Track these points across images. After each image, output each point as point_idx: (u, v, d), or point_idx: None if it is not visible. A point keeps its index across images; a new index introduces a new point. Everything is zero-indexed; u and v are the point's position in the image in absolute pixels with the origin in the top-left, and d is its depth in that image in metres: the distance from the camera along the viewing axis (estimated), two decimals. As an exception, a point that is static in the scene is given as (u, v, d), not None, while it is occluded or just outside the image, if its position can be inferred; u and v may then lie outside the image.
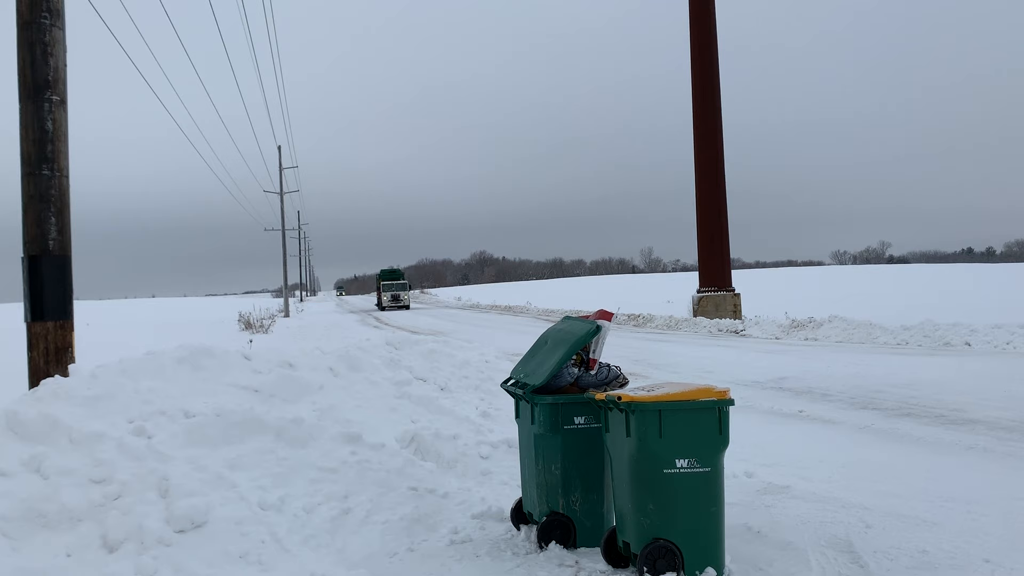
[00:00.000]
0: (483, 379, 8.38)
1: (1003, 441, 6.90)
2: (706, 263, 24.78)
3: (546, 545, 4.52)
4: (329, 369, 7.19)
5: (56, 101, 7.37)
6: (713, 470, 3.98)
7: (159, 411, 5.45)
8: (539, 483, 4.60)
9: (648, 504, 3.96)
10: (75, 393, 5.42)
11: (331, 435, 5.65)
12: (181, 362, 6.31)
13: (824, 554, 4.35)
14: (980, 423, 7.68)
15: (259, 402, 6.08)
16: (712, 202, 24.39)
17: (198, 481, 4.73)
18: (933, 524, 4.76)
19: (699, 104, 24.57)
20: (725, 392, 4.03)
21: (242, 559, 4.26)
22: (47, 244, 7.31)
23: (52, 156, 7.32)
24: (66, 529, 4.35)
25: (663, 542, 3.92)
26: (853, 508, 5.12)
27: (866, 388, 10.17)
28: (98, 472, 4.65)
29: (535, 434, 4.59)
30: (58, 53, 7.43)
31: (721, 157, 24.50)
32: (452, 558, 4.52)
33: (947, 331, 16.03)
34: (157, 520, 4.36)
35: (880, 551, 4.34)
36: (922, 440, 7.12)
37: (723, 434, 3.99)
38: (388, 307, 54.94)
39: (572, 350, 4.55)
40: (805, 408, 9.02)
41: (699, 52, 24.61)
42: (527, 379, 4.69)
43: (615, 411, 4.15)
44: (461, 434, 6.36)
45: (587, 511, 4.57)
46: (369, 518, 4.96)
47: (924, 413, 8.34)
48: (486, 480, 5.82)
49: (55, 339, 7.34)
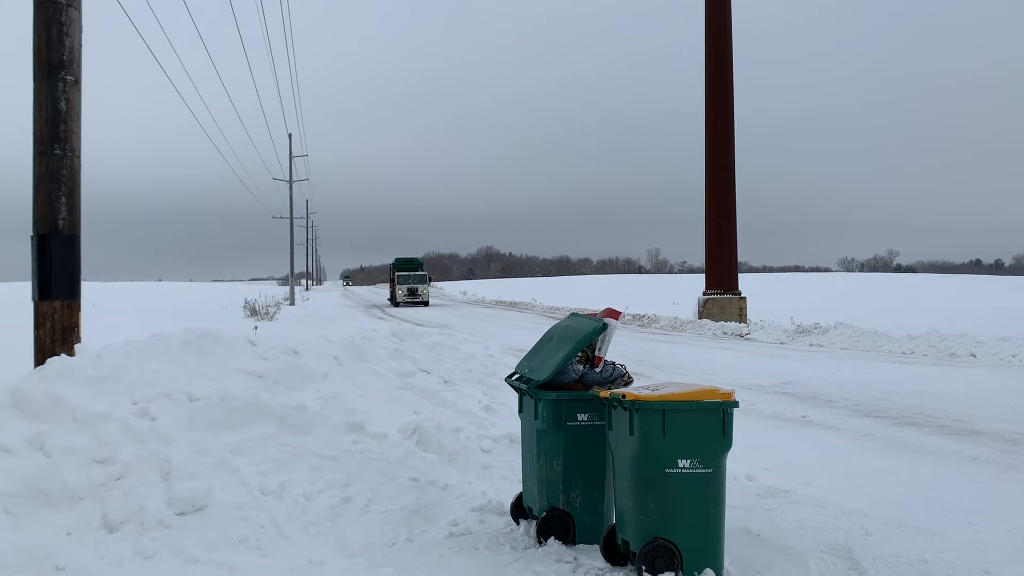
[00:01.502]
0: (487, 373, 8.38)
1: (1006, 453, 6.87)
2: (713, 266, 24.72)
3: (545, 540, 4.52)
4: (334, 358, 7.19)
5: (70, 81, 7.38)
6: (715, 471, 3.98)
7: (163, 393, 5.46)
8: (540, 478, 4.60)
9: (649, 503, 3.96)
10: (80, 373, 5.44)
11: (334, 423, 5.65)
12: (187, 345, 6.32)
13: (823, 559, 4.34)
14: (984, 435, 7.65)
15: (263, 388, 6.09)
16: (721, 204, 24.32)
17: (200, 465, 4.74)
18: (934, 534, 4.74)
19: (712, 106, 24.49)
20: (730, 394, 4.02)
21: (241, 543, 4.27)
22: (57, 223, 7.33)
23: (64, 136, 7.33)
24: (67, 508, 4.36)
25: (662, 541, 3.91)
26: (853, 515, 5.10)
27: (870, 396, 10.14)
28: (101, 452, 4.66)
29: (538, 429, 4.59)
30: (74, 33, 7.44)
31: (732, 160, 24.42)
32: (451, 550, 4.53)
33: (953, 342, 15.96)
34: (158, 502, 4.38)
35: (880, 558, 4.33)
36: (924, 449, 7.10)
37: (727, 436, 3.98)
38: (404, 302, 46.22)
39: (578, 347, 4.55)
40: (808, 413, 9.00)
41: (713, 55, 24.52)
42: (532, 374, 4.68)
43: (619, 409, 4.14)
44: (463, 427, 6.36)
45: (587, 508, 4.56)
46: (369, 507, 4.96)
47: (927, 423, 8.31)
48: (487, 474, 5.82)
49: (62, 318, 7.36)
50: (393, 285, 48.15)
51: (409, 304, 46.02)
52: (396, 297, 46.68)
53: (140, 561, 4.04)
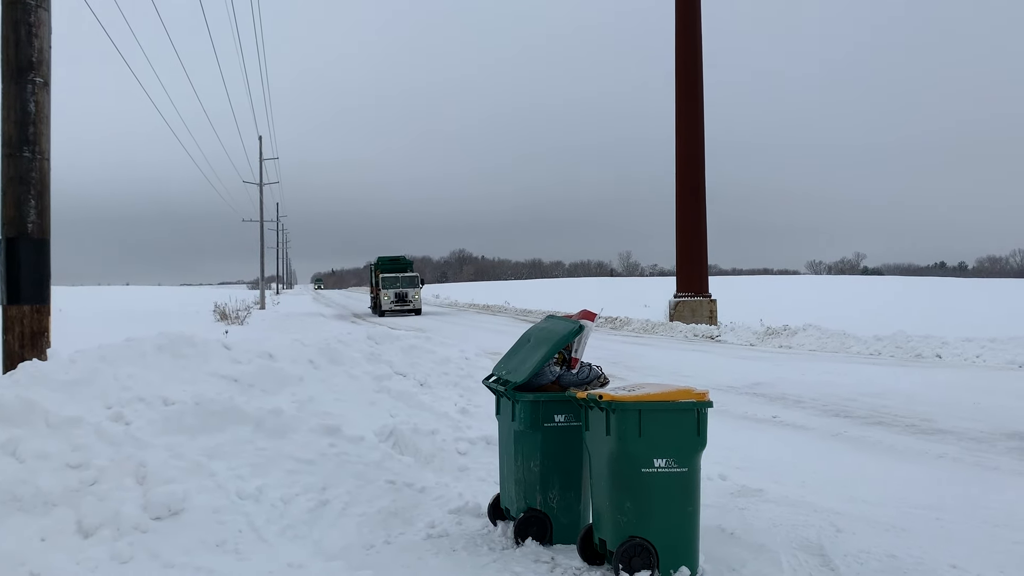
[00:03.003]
0: (463, 376, 8.41)
1: (971, 452, 7.04)
2: (683, 268, 24.96)
3: (522, 541, 4.56)
4: (309, 361, 7.18)
5: (39, 83, 7.30)
6: (690, 470, 4.04)
7: (138, 398, 5.43)
8: (517, 479, 4.64)
9: (625, 502, 4.01)
10: (53, 377, 5.38)
11: (310, 427, 5.65)
12: (161, 350, 6.28)
13: (796, 556, 4.42)
14: (950, 433, 7.82)
15: (238, 392, 6.07)
16: (691, 208, 24.56)
17: (176, 469, 4.72)
18: (902, 530, 4.85)
19: (682, 111, 24.72)
20: (704, 394, 4.09)
21: (219, 547, 4.26)
22: (26, 227, 7.24)
23: (34, 138, 7.26)
24: (41, 513, 4.32)
25: (639, 540, 3.97)
26: (824, 512, 5.20)
27: (839, 396, 10.31)
28: (75, 457, 4.62)
29: (515, 431, 4.62)
30: (43, 35, 7.36)
31: (702, 165, 24.67)
32: (429, 552, 4.55)
33: (919, 343, 16.26)
34: (134, 506, 4.35)
35: (850, 555, 4.42)
36: (893, 448, 7.25)
37: (701, 435, 4.05)
38: (391, 311, 37.75)
39: (555, 349, 4.59)
40: (779, 414, 9.14)
41: (683, 60, 24.75)
42: (509, 376, 4.72)
43: (595, 410, 4.19)
44: (440, 430, 6.39)
45: (564, 508, 4.61)
46: (347, 510, 4.97)
47: (895, 422, 8.48)
48: (464, 476, 5.84)
49: (31, 323, 7.28)
50: (376, 290, 39.88)
51: (397, 313, 37.82)
52: (381, 305, 38.23)
53: (116, 566, 4.02)
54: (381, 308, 38.01)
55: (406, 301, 38.11)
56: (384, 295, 38.11)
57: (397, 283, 38.56)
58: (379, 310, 38.34)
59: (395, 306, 37.95)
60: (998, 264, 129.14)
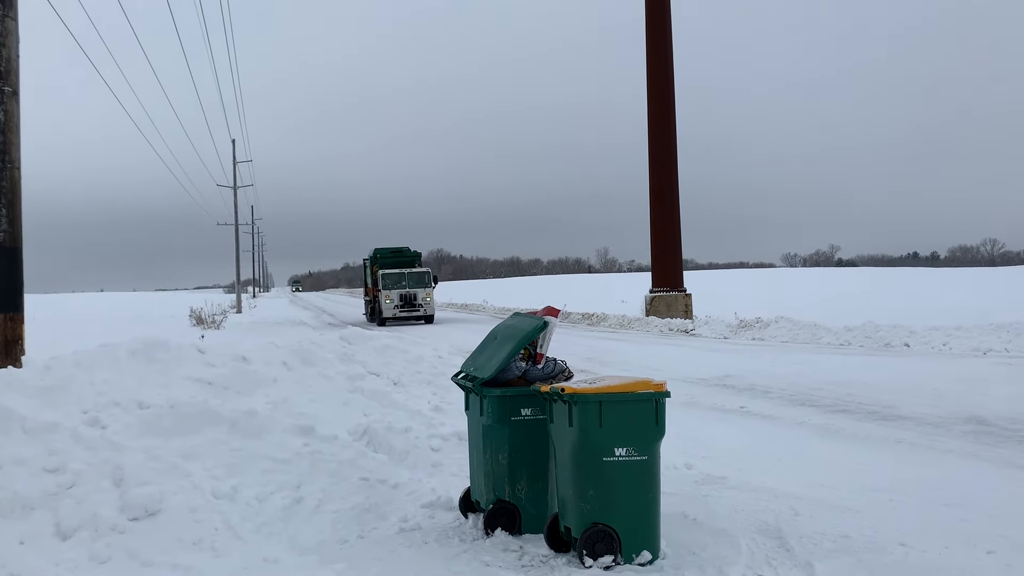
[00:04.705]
0: (436, 374, 8.53)
1: (927, 436, 7.29)
2: (659, 264, 25.23)
3: (492, 532, 4.71)
4: (283, 363, 7.28)
5: (8, 92, 7.35)
6: (650, 458, 4.21)
7: (113, 402, 5.52)
8: (487, 472, 4.79)
9: (588, 491, 4.18)
10: (29, 384, 5.46)
11: (284, 427, 5.77)
12: (135, 355, 6.36)
13: (754, 539, 4.61)
14: (909, 419, 8.07)
15: (213, 394, 6.16)
16: (665, 205, 24.83)
17: (152, 471, 4.82)
18: (856, 512, 5.05)
19: (654, 107, 24.98)
20: (662, 385, 4.26)
21: (196, 545, 4.38)
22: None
23: (3, 148, 7.30)
24: (19, 517, 4.42)
25: (602, 527, 4.13)
26: (784, 497, 5.40)
27: (806, 386, 10.56)
28: (52, 461, 4.72)
29: (484, 425, 4.78)
30: (11, 44, 7.41)
31: (675, 162, 24.93)
32: (401, 544, 4.69)
33: (888, 332, 16.60)
34: (111, 508, 4.46)
35: (806, 536, 4.61)
36: (854, 435, 7.48)
37: (659, 424, 4.22)
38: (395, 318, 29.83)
39: (520, 345, 4.75)
40: (746, 404, 9.36)
41: (654, 50, 25.00)
42: (477, 372, 4.87)
43: (559, 402, 4.35)
44: (413, 427, 6.52)
45: (532, 499, 4.77)
46: (321, 507, 5.09)
47: (859, 410, 8.73)
48: (436, 471, 5.98)
49: (5, 331, 7.33)
50: (374, 291, 31.55)
51: (404, 320, 29.84)
52: (382, 310, 29.99)
53: (95, 566, 4.13)
54: (382, 314, 29.98)
55: (414, 305, 29.92)
56: (385, 298, 29.86)
57: (402, 282, 30.22)
58: (379, 317, 30.22)
59: (400, 311, 29.85)
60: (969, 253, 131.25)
